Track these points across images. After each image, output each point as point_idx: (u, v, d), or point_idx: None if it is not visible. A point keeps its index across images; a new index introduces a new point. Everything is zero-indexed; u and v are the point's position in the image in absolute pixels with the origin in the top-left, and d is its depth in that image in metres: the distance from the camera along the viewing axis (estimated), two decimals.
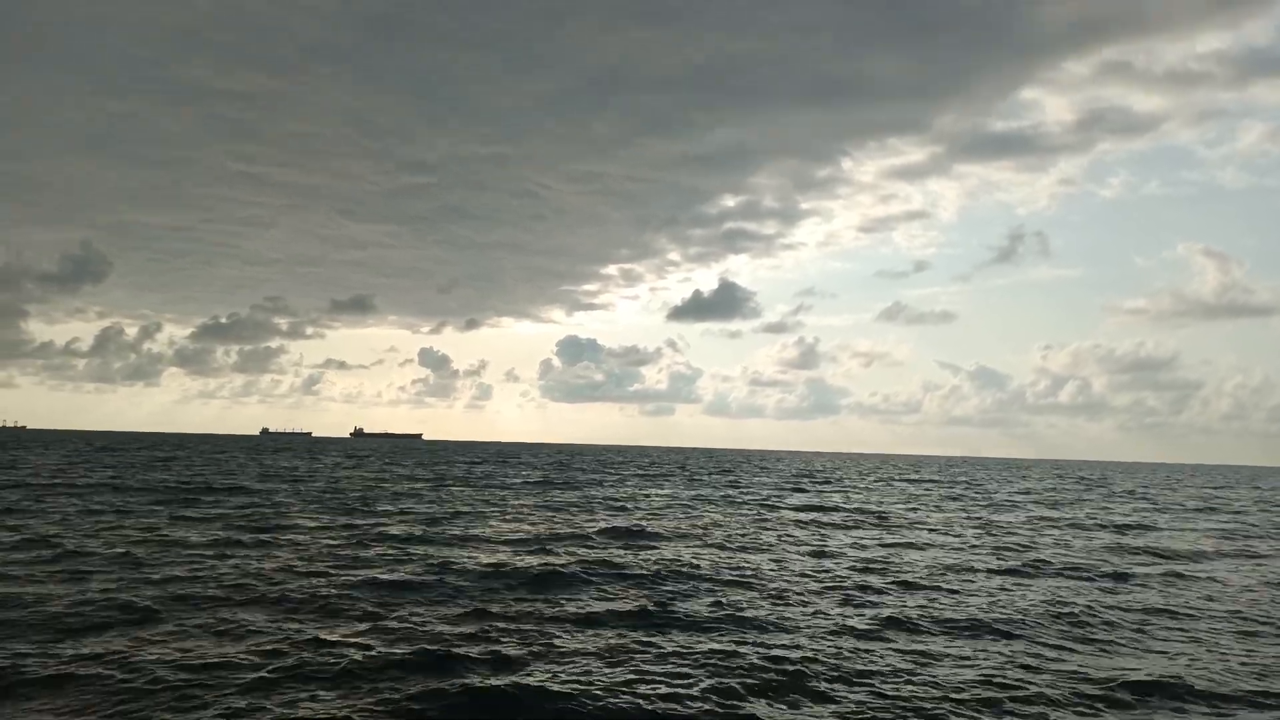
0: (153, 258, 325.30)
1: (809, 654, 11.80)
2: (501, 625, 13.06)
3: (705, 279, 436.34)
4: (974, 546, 24.88)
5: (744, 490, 50.77)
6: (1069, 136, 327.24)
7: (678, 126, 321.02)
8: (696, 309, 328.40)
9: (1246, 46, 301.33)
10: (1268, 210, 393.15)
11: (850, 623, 13.91)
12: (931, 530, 29.37)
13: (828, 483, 65.80)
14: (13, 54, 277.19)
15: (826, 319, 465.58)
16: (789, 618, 14.17)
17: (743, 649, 12.03)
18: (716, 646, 12.15)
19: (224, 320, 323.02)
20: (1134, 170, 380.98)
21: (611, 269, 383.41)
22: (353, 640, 11.81)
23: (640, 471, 75.67)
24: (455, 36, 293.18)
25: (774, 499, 43.60)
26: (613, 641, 12.29)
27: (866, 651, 12.18)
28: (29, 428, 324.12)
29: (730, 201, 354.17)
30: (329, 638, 11.86)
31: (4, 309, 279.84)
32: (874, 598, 16.23)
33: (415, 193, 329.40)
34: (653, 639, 12.52)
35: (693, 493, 46.08)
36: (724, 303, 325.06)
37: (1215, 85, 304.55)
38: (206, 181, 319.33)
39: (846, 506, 39.34)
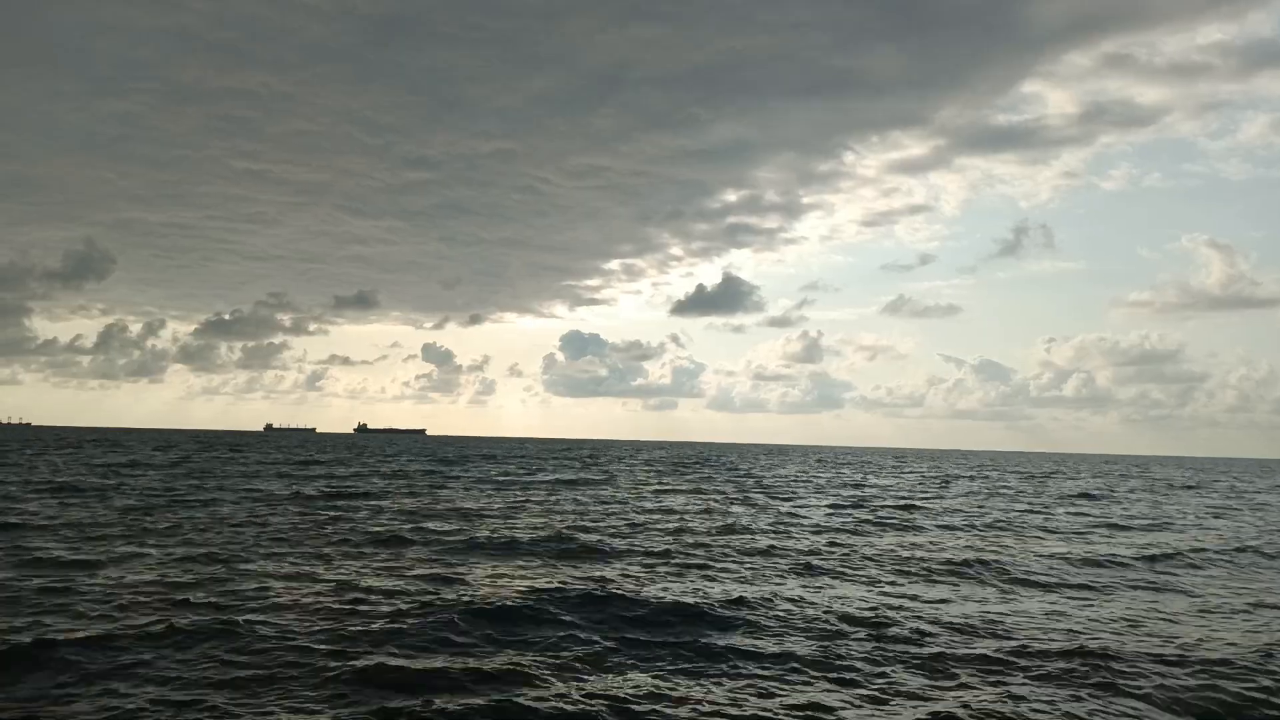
0: (156, 254, 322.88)
1: None
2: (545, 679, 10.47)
3: (707, 273, 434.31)
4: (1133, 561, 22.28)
5: (778, 490, 48.17)
6: (1071, 129, 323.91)
7: (679, 121, 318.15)
8: (699, 303, 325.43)
9: (1249, 38, 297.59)
10: (1271, 202, 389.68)
11: (1008, 680, 11.28)
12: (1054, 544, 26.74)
13: (850, 472, 63.37)
14: (14, 56, 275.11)
15: (830, 313, 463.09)
16: (928, 680, 11.53)
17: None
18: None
19: (227, 317, 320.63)
20: (1136, 163, 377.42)
21: (614, 264, 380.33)
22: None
23: (655, 469, 73.15)
24: (456, 34, 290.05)
25: (818, 501, 41.04)
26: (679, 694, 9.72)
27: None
28: (34, 424, 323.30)
29: (732, 196, 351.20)
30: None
31: (8, 307, 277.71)
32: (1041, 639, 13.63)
33: (417, 189, 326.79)
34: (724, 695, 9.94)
35: (714, 489, 43.57)
36: (727, 297, 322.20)
37: (1217, 77, 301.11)
38: (209, 179, 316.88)
39: (916, 505, 36.75)
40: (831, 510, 33.05)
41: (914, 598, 15.41)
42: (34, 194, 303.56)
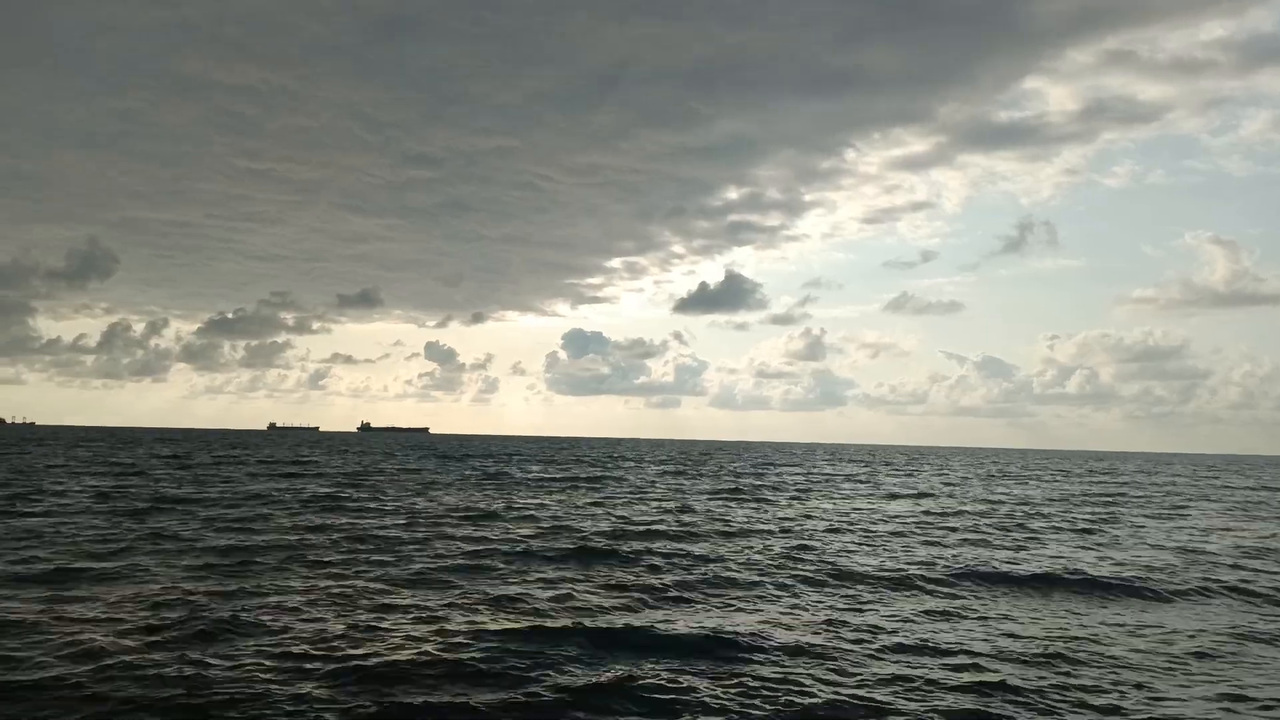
0: (159, 253, 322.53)
1: None
2: None
3: (709, 271, 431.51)
4: None
5: (810, 490, 46.60)
6: (1073, 126, 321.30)
7: (680, 118, 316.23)
8: (702, 301, 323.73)
9: (1250, 34, 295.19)
10: (1273, 199, 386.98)
11: None
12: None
13: (868, 470, 61.66)
14: (15, 54, 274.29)
15: (832, 310, 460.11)
16: None
17: None
18: None
19: (230, 316, 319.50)
20: (1138, 159, 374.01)
21: (615, 262, 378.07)
22: None
23: (671, 467, 71.56)
24: (456, 31, 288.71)
25: (857, 504, 39.51)
26: None
27: None
28: (38, 424, 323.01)
29: (733, 193, 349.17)
30: None
31: (12, 306, 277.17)
32: None
33: (419, 186, 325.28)
34: None
35: (739, 489, 42.09)
36: (730, 294, 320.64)
37: (1219, 73, 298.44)
38: (210, 176, 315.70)
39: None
40: (875, 514, 31.66)
41: (1021, 618, 14.03)
42: (36, 192, 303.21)
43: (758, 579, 16.45)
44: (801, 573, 17.25)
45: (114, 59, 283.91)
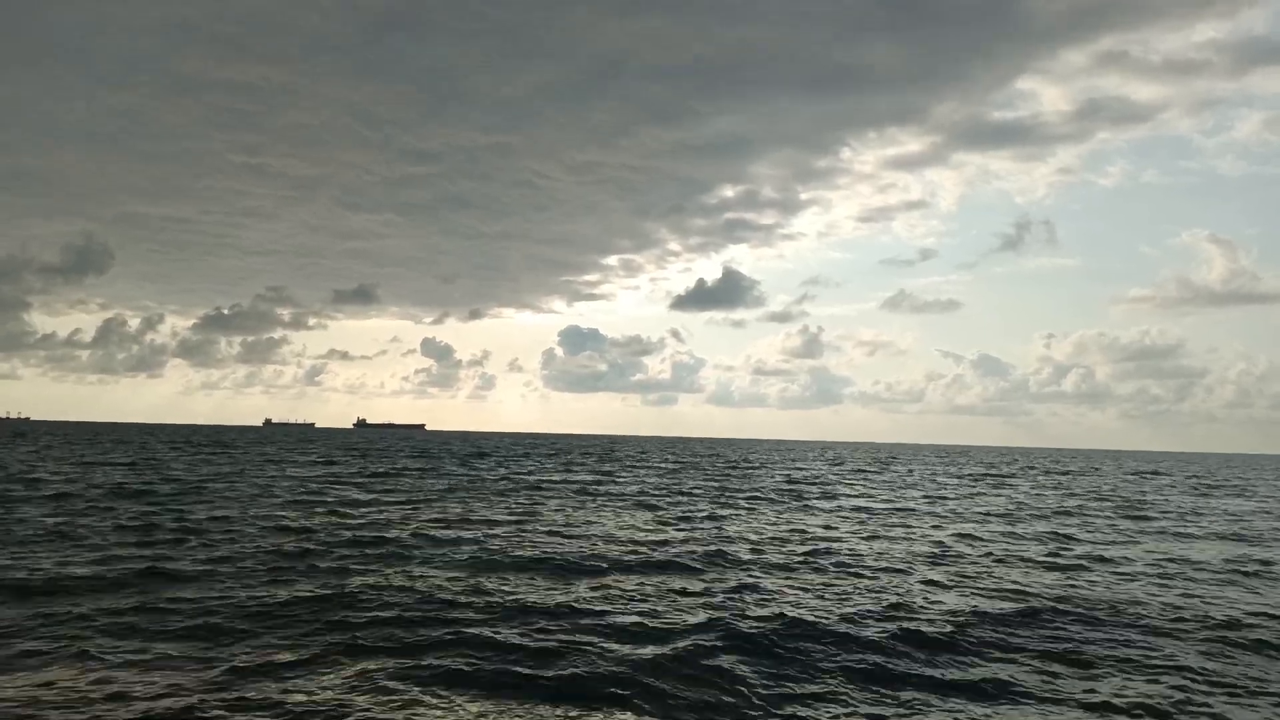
0: (155, 249, 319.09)
1: None
2: None
3: (705, 269, 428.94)
4: None
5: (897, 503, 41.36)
6: (1067, 126, 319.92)
7: (677, 116, 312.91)
8: (700, 298, 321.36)
9: (1244, 35, 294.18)
10: (1267, 199, 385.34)
11: None
12: None
13: (910, 473, 55.30)
14: (16, 51, 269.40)
15: (830, 308, 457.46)
16: None
17: None
18: None
19: (226, 311, 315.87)
20: (1132, 159, 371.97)
21: (612, 259, 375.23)
22: None
23: (711, 476, 66.44)
24: (455, 27, 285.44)
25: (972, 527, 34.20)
26: None
27: None
28: (33, 419, 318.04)
29: (729, 191, 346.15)
30: None
31: (7, 301, 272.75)
32: None
33: (416, 183, 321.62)
34: None
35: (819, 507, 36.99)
36: (728, 291, 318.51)
37: (1213, 74, 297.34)
38: (208, 173, 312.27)
39: None
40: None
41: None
42: (33, 188, 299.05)
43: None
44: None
45: (114, 57, 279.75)
